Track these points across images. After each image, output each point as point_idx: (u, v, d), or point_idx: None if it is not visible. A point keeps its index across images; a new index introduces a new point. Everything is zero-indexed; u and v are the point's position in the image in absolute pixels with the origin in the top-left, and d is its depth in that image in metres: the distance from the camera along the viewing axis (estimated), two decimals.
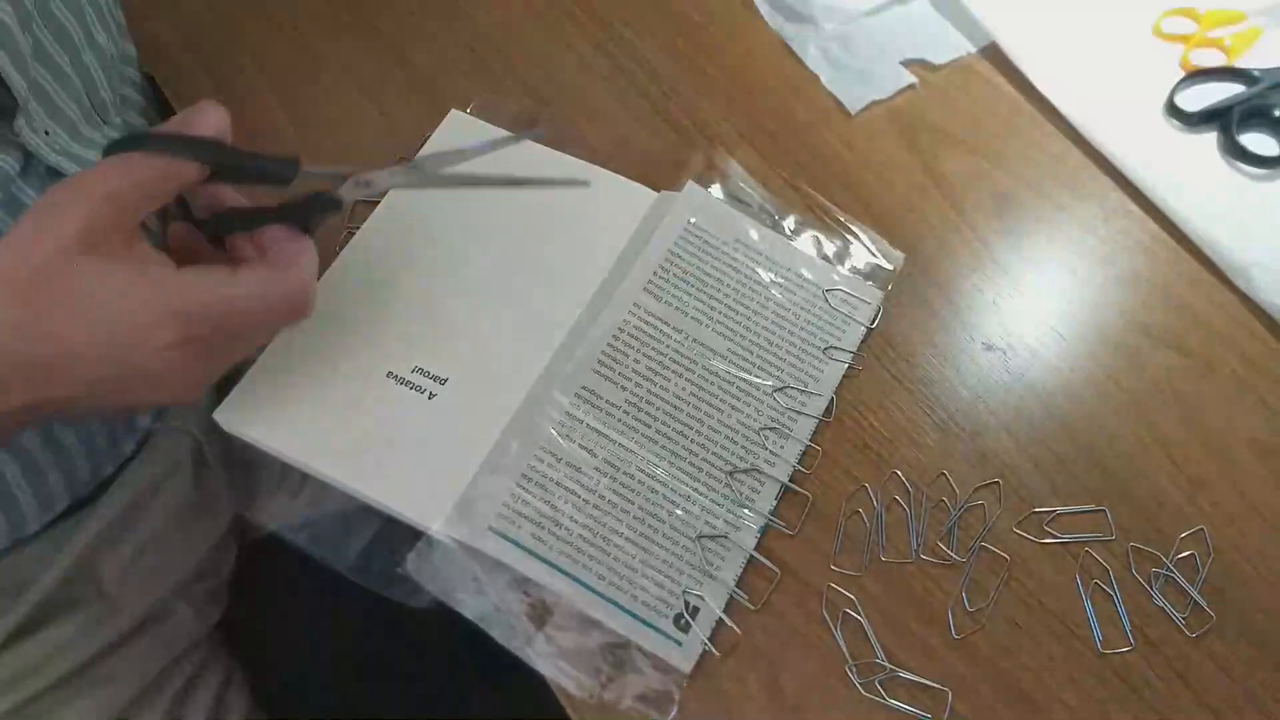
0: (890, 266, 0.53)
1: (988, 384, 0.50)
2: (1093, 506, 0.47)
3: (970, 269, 0.54)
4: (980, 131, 0.59)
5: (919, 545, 0.46)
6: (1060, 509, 0.47)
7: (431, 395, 0.47)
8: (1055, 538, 0.46)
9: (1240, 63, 0.61)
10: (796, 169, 0.56)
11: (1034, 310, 0.53)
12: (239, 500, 0.62)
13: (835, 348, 0.50)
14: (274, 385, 0.47)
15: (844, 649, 0.43)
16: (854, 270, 0.53)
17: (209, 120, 0.40)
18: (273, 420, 0.46)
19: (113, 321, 0.37)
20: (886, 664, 0.43)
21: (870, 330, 0.51)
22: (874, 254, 0.53)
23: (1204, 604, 0.45)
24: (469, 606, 0.43)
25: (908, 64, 0.61)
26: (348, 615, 0.69)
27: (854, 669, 0.43)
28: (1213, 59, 0.61)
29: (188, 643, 0.59)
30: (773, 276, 0.52)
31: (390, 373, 0.48)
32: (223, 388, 0.47)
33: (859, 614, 0.44)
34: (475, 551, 0.44)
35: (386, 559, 0.58)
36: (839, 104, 0.59)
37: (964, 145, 0.58)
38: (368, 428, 0.46)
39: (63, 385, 0.37)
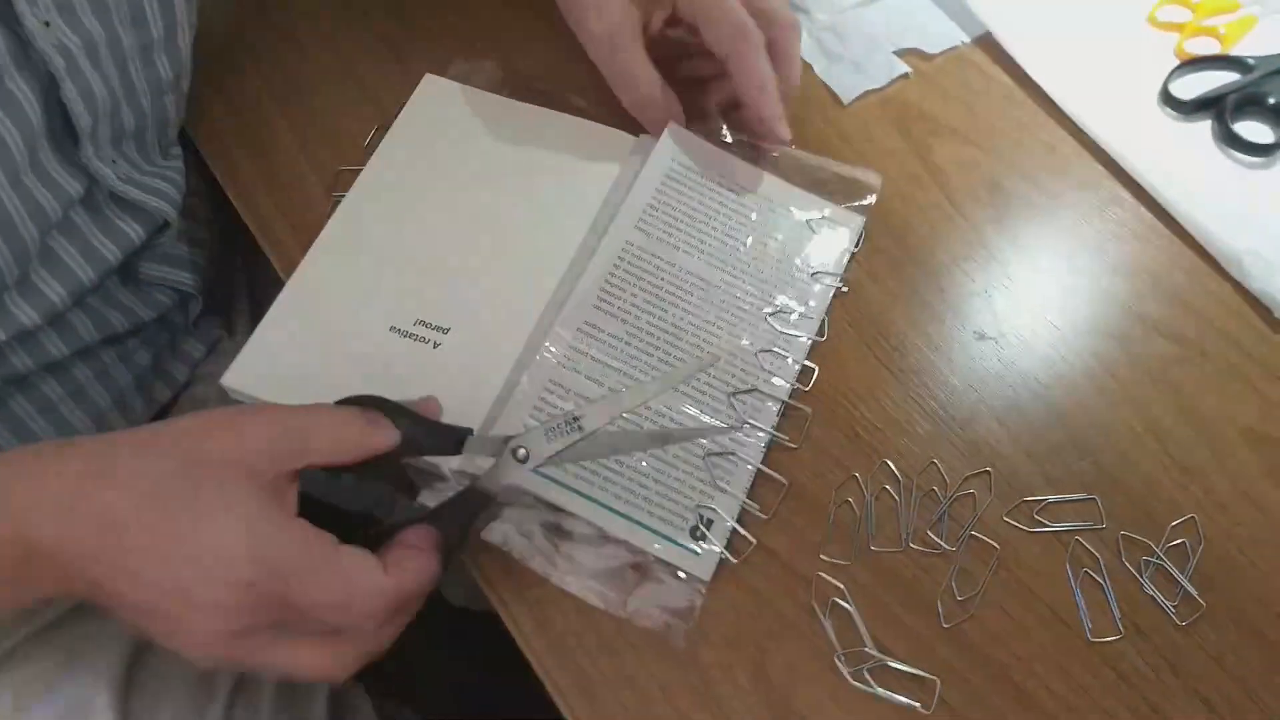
0: (868, 191, 0.55)
1: (979, 373, 0.50)
2: (1083, 495, 0.47)
3: (963, 258, 0.54)
4: (974, 121, 0.59)
5: (909, 534, 0.46)
6: (1051, 498, 0.47)
7: (436, 345, 0.48)
8: (1045, 526, 0.46)
9: (1235, 51, 0.60)
10: None
11: (1027, 299, 0.52)
12: None
13: (822, 271, 0.52)
14: (278, 347, 0.48)
15: (833, 638, 0.43)
16: (834, 196, 0.55)
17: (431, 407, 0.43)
18: (280, 382, 0.47)
19: (210, 549, 0.34)
20: (875, 653, 0.43)
21: (854, 253, 0.53)
22: (851, 181, 0.55)
23: (1194, 592, 0.44)
24: (491, 532, 0.45)
25: (901, 53, 0.61)
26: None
27: (842, 658, 0.43)
28: (1207, 47, 0.61)
29: None
30: (757, 208, 0.54)
31: (393, 327, 0.49)
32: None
33: (848, 603, 0.44)
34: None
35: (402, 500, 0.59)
36: (832, 94, 0.59)
37: (957, 134, 0.58)
38: (376, 381, 0.47)
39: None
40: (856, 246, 0.53)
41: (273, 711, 0.54)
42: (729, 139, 0.55)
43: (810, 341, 0.50)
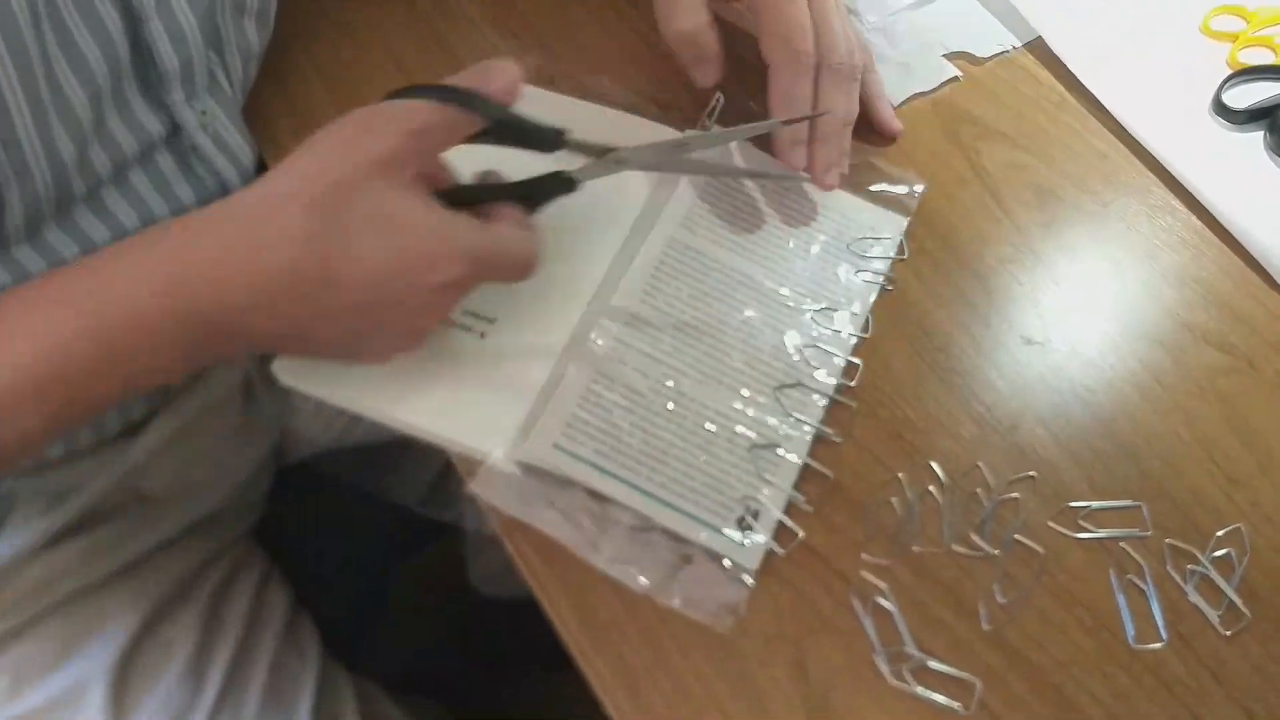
0: (912, 191, 0.55)
1: (1025, 377, 0.50)
2: (1129, 502, 0.47)
3: (1010, 261, 0.54)
4: (1023, 125, 0.58)
5: (951, 536, 0.46)
6: (1096, 504, 0.47)
7: (483, 335, 0.49)
8: (1090, 533, 0.46)
9: None
10: None
11: (1074, 305, 0.52)
12: (282, 427, 0.64)
13: (868, 269, 0.52)
14: None
15: (873, 636, 0.43)
16: (877, 197, 0.55)
17: (503, 78, 0.42)
18: (328, 372, 0.47)
19: (404, 248, 0.39)
20: (915, 653, 0.43)
21: (899, 253, 0.53)
22: (895, 182, 0.55)
23: (1239, 603, 0.44)
24: (540, 520, 0.45)
25: (951, 57, 0.61)
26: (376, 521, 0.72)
27: (883, 656, 0.43)
28: (1262, 58, 0.60)
29: (224, 541, 0.60)
30: (801, 207, 0.54)
31: None
32: None
33: (889, 602, 0.44)
34: (538, 474, 0.45)
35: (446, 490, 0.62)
36: None
37: (1006, 139, 0.58)
38: (423, 370, 0.47)
39: (326, 315, 0.39)
40: (901, 248, 0.53)
41: (260, 704, 0.55)
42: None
43: (855, 338, 0.50)
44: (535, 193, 0.45)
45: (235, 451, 0.62)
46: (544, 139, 0.45)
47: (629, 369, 0.48)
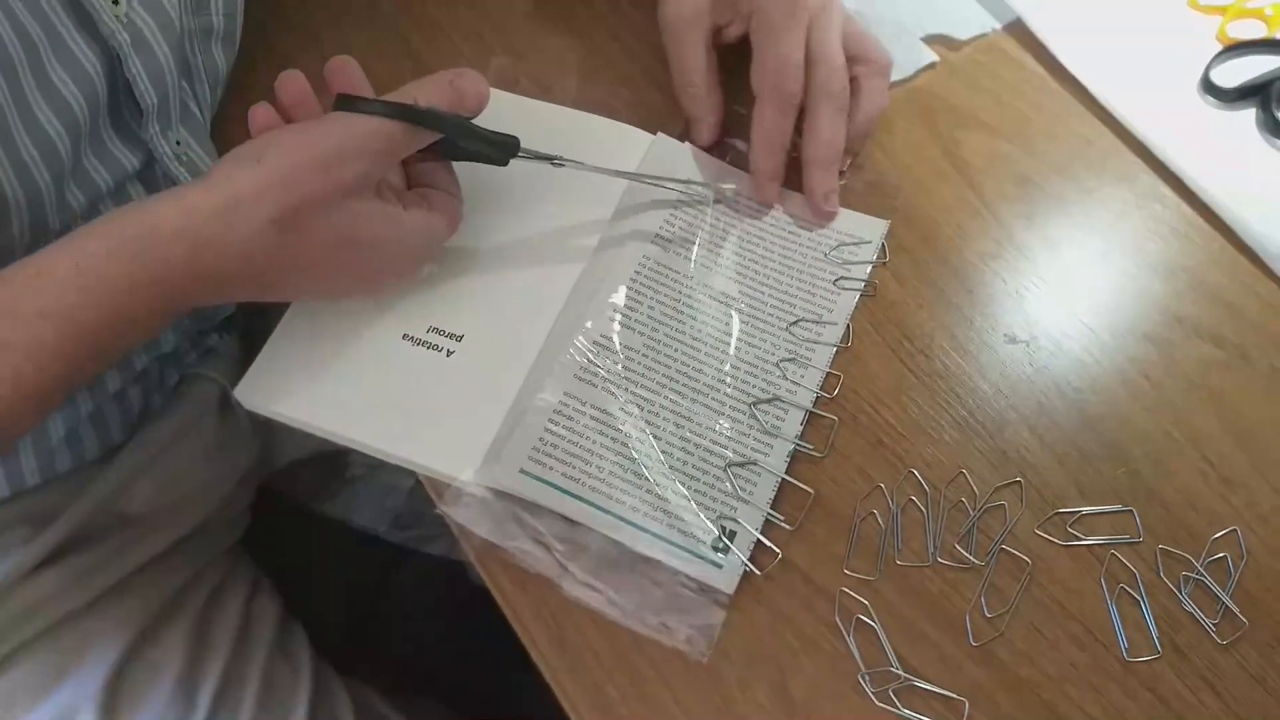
0: (893, 191, 0.53)
1: (1010, 378, 0.48)
2: (1119, 507, 0.45)
3: (992, 257, 0.52)
4: (1004, 113, 0.56)
5: (936, 548, 0.44)
6: (1085, 509, 0.45)
7: (449, 353, 0.48)
8: (1079, 540, 0.44)
9: None
10: None
11: (1059, 300, 0.50)
12: (261, 441, 0.64)
13: (847, 277, 0.50)
14: (290, 359, 0.48)
15: (857, 656, 0.42)
16: (856, 202, 0.53)
17: (471, 98, 0.44)
18: (293, 394, 0.47)
19: (356, 259, 0.44)
20: (901, 672, 0.42)
21: (877, 258, 0.52)
22: (875, 184, 0.54)
23: (1236, 609, 0.43)
24: (510, 544, 0.44)
25: (929, 40, 0.59)
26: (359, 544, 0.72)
27: (867, 677, 0.42)
28: (1253, 30, 0.58)
29: (210, 557, 0.60)
30: (776, 218, 0.53)
31: (406, 335, 0.48)
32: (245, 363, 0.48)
33: (873, 620, 0.43)
34: (508, 496, 0.44)
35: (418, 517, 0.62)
36: None
37: (987, 127, 0.56)
38: (389, 391, 0.47)
39: (286, 290, 0.45)
40: (883, 252, 0.52)
41: (254, 716, 0.54)
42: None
43: (834, 349, 0.49)
44: (473, 148, 0.46)
45: (215, 467, 0.61)
46: (499, 148, 0.46)
47: (598, 389, 0.47)
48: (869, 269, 0.51)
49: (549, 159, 0.47)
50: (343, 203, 0.42)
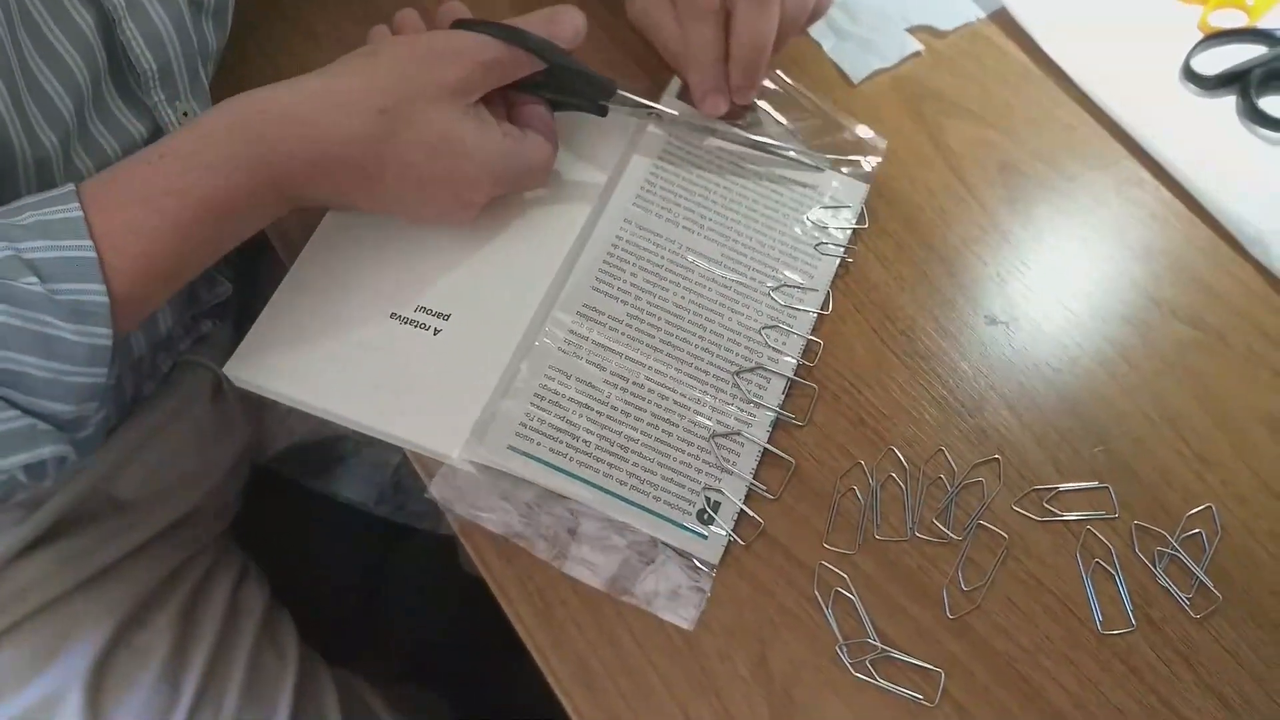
0: (873, 144, 0.54)
1: (990, 359, 0.49)
2: (1096, 484, 0.46)
3: (974, 240, 0.52)
4: (988, 100, 0.57)
5: (915, 523, 0.45)
6: (1062, 486, 0.46)
7: (436, 331, 0.48)
8: (1056, 516, 0.45)
9: (1263, 23, 0.58)
10: None
11: (1040, 283, 0.51)
12: (253, 428, 0.64)
13: (826, 241, 0.51)
14: (280, 336, 0.48)
15: (835, 628, 0.43)
16: (837, 165, 0.54)
17: (570, 23, 0.47)
18: (282, 370, 0.47)
19: (451, 168, 0.45)
20: (878, 644, 0.42)
21: (859, 226, 0.52)
22: (855, 144, 0.55)
23: (1210, 584, 0.43)
24: (496, 524, 0.45)
25: (913, 30, 0.60)
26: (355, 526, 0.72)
27: (845, 649, 0.42)
28: (1233, 20, 0.59)
29: (199, 544, 0.60)
30: (758, 180, 0.53)
31: (394, 314, 0.49)
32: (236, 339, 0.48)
33: (851, 593, 0.43)
34: (496, 472, 0.45)
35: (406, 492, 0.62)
36: (841, 73, 0.58)
37: (970, 114, 0.56)
38: (378, 369, 0.47)
39: (372, 195, 0.45)
40: (862, 216, 0.52)
41: (239, 703, 0.55)
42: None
43: (815, 316, 0.49)
44: (574, 85, 0.48)
45: (207, 452, 0.61)
46: (597, 88, 0.49)
47: (583, 362, 0.47)
48: (849, 231, 0.52)
49: (647, 108, 0.50)
50: (446, 104, 0.44)
